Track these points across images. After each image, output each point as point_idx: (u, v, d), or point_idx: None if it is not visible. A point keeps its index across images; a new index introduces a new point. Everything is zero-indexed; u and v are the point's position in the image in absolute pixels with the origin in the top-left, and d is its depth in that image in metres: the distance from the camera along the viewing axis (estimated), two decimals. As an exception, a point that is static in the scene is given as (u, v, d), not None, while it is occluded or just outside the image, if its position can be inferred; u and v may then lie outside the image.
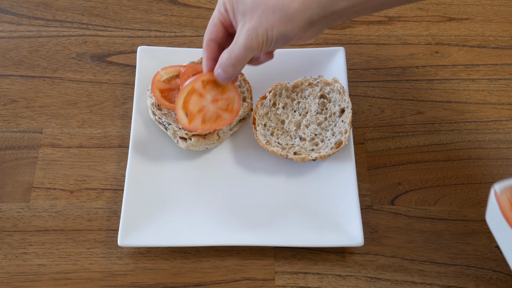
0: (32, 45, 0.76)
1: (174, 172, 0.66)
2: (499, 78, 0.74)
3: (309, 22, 0.54)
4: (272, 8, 0.53)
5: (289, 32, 0.54)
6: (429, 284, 0.61)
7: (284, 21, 0.53)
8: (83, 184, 0.66)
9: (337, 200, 0.63)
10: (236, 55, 0.56)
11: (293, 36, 0.55)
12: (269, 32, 0.54)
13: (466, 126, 0.70)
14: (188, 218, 0.63)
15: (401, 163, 0.68)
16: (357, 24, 0.78)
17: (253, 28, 0.54)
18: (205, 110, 0.63)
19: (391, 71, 0.74)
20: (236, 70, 0.58)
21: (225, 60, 0.57)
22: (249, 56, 0.56)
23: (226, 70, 0.58)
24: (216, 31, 0.58)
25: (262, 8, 0.53)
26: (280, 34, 0.54)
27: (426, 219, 0.64)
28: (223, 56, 0.57)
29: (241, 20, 0.55)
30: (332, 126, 0.66)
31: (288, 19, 0.53)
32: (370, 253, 0.62)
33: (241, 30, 0.55)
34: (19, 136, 0.69)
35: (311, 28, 0.55)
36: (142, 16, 0.79)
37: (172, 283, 0.61)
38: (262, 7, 0.53)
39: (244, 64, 0.57)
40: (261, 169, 0.66)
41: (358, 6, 0.54)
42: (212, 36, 0.59)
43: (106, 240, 0.63)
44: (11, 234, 0.63)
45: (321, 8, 0.53)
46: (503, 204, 0.48)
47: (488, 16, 0.79)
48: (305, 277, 0.61)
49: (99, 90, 0.73)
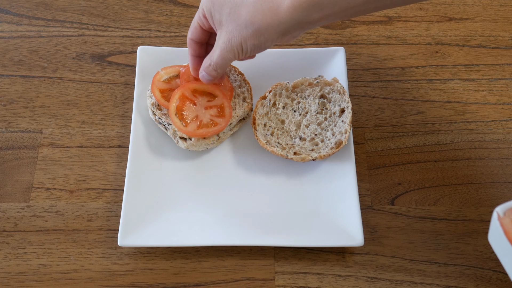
0: (32, 45, 0.76)
1: (174, 172, 0.66)
2: (499, 78, 0.74)
3: (282, 33, 0.56)
4: (245, 23, 0.55)
5: (262, 43, 0.57)
6: (429, 284, 0.61)
7: (256, 35, 0.56)
8: (83, 184, 0.66)
9: (337, 200, 0.63)
10: (215, 62, 0.60)
11: (268, 46, 0.57)
12: (243, 44, 0.57)
13: (466, 126, 0.70)
14: (188, 218, 0.63)
15: (401, 163, 0.68)
16: (357, 24, 0.78)
17: (228, 40, 0.57)
18: (200, 117, 0.65)
19: (391, 71, 0.74)
20: (218, 74, 0.62)
21: (207, 66, 0.62)
22: (227, 63, 0.60)
23: (210, 74, 0.62)
24: (196, 33, 0.63)
25: (237, 22, 0.56)
26: (254, 45, 0.57)
27: (426, 219, 0.64)
28: (205, 61, 0.62)
29: (219, 28, 0.58)
30: (332, 126, 0.66)
31: (261, 33, 0.55)
32: (370, 253, 0.62)
33: (219, 38, 0.59)
34: (19, 136, 0.69)
35: (285, 36, 0.57)
36: (142, 16, 0.79)
37: (172, 283, 0.61)
38: (236, 21, 0.56)
39: (224, 69, 0.62)
40: (261, 169, 0.66)
41: (330, 16, 0.55)
42: (193, 37, 0.63)
43: (106, 240, 0.63)
44: (11, 234, 0.63)
45: (294, 21, 0.54)
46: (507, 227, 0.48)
47: (488, 16, 0.79)
48: (305, 277, 0.61)
49: (99, 90, 0.73)
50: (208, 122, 0.65)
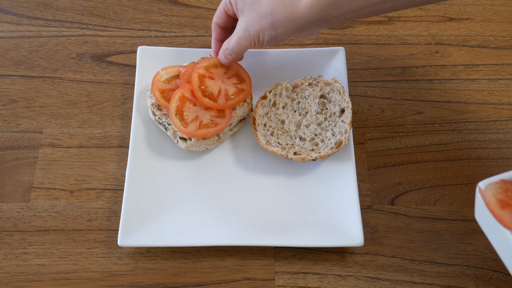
0: (32, 45, 0.76)
1: (174, 172, 0.66)
2: (499, 78, 0.74)
3: (299, 28, 0.58)
4: (265, 14, 0.58)
5: (279, 36, 0.59)
6: (429, 284, 0.61)
7: (274, 27, 0.58)
8: (83, 184, 0.66)
9: (337, 200, 0.63)
10: (231, 47, 0.63)
11: (284, 39, 0.60)
12: (260, 34, 0.59)
13: (466, 126, 0.70)
14: (188, 218, 0.63)
15: (401, 163, 0.68)
16: (357, 24, 0.78)
17: (246, 28, 0.60)
18: (200, 117, 0.65)
19: (391, 71, 0.74)
20: (234, 58, 0.65)
21: (224, 49, 0.65)
22: (243, 49, 0.63)
23: (227, 57, 0.65)
24: (221, 17, 0.65)
25: (257, 12, 0.58)
26: (271, 36, 0.59)
27: (426, 219, 0.64)
28: (224, 44, 0.65)
29: (240, 15, 0.61)
30: (332, 126, 0.66)
31: (278, 25, 0.58)
32: (370, 253, 0.62)
33: (239, 24, 0.61)
34: (19, 136, 0.69)
35: (302, 32, 0.59)
36: (142, 16, 0.79)
37: (172, 283, 0.61)
38: (257, 11, 0.58)
39: (240, 54, 0.64)
40: (261, 169, 0.66)
41: (348, 14, 0.57)
42: (218, 21, 0.66)
43: (106, 240, 0.63)
44: (11, 234, 0.63)
45: (312, 18, 0.57)
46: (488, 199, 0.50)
47: (488, 16, 0.79)
48: (305, 277, 0.61)
49: (99, 90, 0.73)
50: (208, 123, 0.65)
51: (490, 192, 0.50)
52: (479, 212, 0.52)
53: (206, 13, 0.79)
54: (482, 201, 0.50)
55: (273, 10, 0.57)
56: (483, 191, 0.50)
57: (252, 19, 0.59)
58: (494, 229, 0.50)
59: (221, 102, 0.65)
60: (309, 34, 0.61)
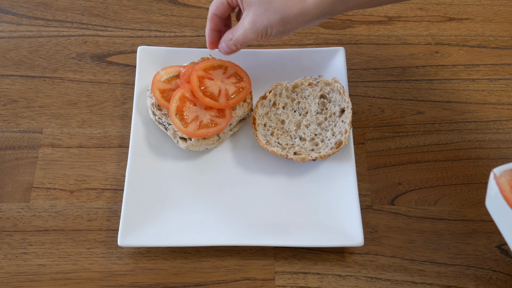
0: (32, 45, 0.76)
1: (174, 172, 0.66)
2: (499, 78, 0.74)
3: (306, 22, 0.60)
4: (275, 9, 0.58)
5: (286, 31, 0.60)
6: (429, 284, 0.61)
7: (283, 22, 0.59)
8: (83, 184, 0.66)
9: (337, 200, 0.63)
10: (236, 38, 0.62)
11: (291, 33, 0.61)
12: (268, 29, 0.60)
13: (466, 126, 0.70)
14: (188, 218, 0.63)
15: (401, 163, 0.68)
16: (357, 24, 0.78)
17: (254, 22, 0.60)
18: (200, 117, 0.65)
19: (391, 71, 0.74)
20: (237, 49, 0.64)
21: (228, 40, 0.64)
22: (248, 42, 0.62)
23: (230, 47, 0.64)
24: (222, 9, 0.64)
25: (266, 7, 0.59)
26: (278, 31, 0.60)
27: (426, 219, 0.64)
28: (227, 34, 0.64)
29: (247, 8, 0.61)
30: (332, 126, 0.66)
31: (287, 21, 0.59)
32: (370, 253, 0.62)
33: (245, 17, 0.61)
34: (19, 136, 0.69)
35: (307, 25, 0.60)
36: (142, 16, 0.79)
37: (172, 283, 0.61)
38: (265, 6, 0.59)
39: (244, 45, 0.63)
40: (261, 169, 0.66)
41: (354, 8, 0.59)
42: (217, 12, 0.65)
43: (106, 240, 0.63)
44: (11, 234, 0.63)
45: (319, 13, 0.58)
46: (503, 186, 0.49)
47: (488, 16, 0.79)
48: (305, 277, 0.61)
49: (99, 90, 0.73)
50: (208, 123, 0.65)
51: (505, 179, 0.49)
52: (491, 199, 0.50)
53: (206, 13, 0.79)
54: (496, 188, 0.49)
55: (282, 6, 0.58)
56: (498, 177, 0.49)
57: (261, 14, 0.59)
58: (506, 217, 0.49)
59: (222, 101, 0.65)
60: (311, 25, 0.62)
